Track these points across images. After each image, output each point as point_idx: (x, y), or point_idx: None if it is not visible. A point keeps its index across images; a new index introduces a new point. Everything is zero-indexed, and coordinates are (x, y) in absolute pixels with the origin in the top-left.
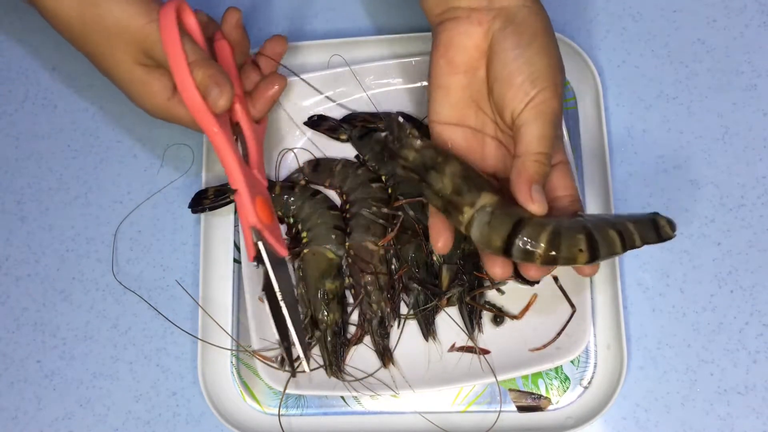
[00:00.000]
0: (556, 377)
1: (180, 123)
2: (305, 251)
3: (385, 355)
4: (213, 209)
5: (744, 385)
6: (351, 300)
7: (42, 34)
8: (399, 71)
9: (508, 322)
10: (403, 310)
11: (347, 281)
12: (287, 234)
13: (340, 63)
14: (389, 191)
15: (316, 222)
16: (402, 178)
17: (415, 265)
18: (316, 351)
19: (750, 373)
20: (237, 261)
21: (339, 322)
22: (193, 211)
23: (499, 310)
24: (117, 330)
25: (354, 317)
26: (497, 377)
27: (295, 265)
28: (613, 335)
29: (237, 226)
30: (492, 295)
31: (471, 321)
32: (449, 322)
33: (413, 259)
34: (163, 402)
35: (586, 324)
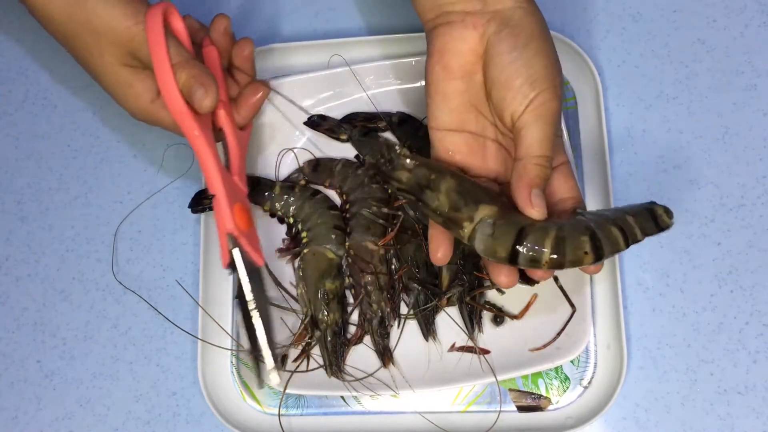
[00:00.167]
0: (556, 377)
1: (163, 126)
2: (305, 251)
3: (385, 355)
4: (213, 209)
5: (744, 385)
6: (351, 300)
7: (42, 34)
8: (399, 71)
9: (508, 322)
10: (403, 310)
11: (347, 281)
12: (287, 234)
13: (340, 63)
14: (389, 191)
15: (316, 222)
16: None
17: (415, 265)
18: (316, 351)
19: (750, 373)
20: None
21: (339, 322)
22: (193, 211)
23: (499, 310)
24: (117, 330)
25: (354, 317)
26: (497, 377)
27: (295, 265)
28: (613, 335)
29: None
30: (492, 295)
31: (471, 321)
32: (449, 322)
33: (413, 259)
34: (163, 402)
35: (586, 324)
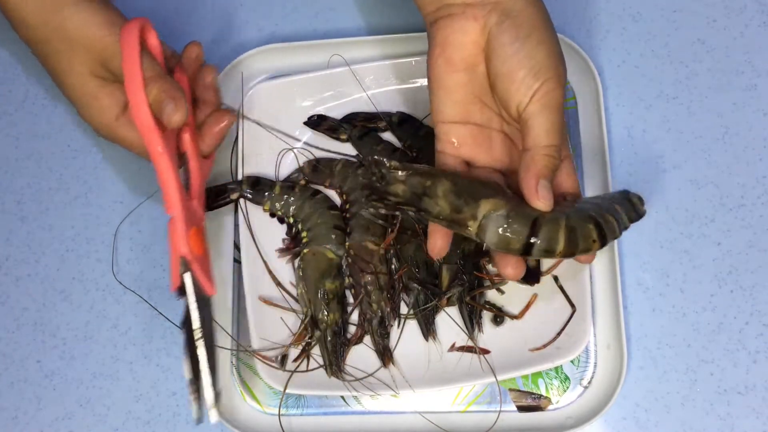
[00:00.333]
0: (556, 377)
1: (124, 145)
2: (305, 251)
3: (385, 355)
4: (213, 209)
5: (744, 385)
6: (351, 300)
7: None
8: (399, 71)
9: (508, 322)
10: (403, 310)
11: (347, 281)
12: (287, 234)
13: (340, 63)
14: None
15: (316, 222)
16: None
17: (415, 265)
18: (316, 351)
19: (750, 373)
20: (237, 261)
21: (339, 322)
22: None
23: (499, 310)
24: (117, 330)
25: (354, 317)
26: (497, 377)
27: (295, 265)
28: (613, 335)
29: (237, 225)
30: (492, 295)
31: (471, 321)
32: (449, 322)
33: (413, 259)
34: (163, 402)
35: (586, 324)
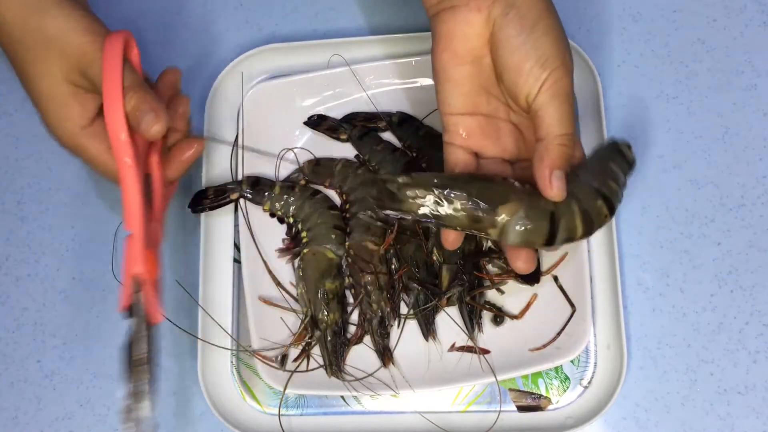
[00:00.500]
0: (556, 377)
1: (85, 157)
2: (305, 251)
3: (385, 355)
4: (213, 209)
5: (744, 385)
6: (351, 300)
7: None
8: (399, 71)
9: (508, 322)
10: (403, 310)
11: (347, 281)
12: (287, 234)
13: (340, 63)
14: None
15: (316, 222)
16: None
17: (415, 265)
18: (316, 351)
19: (750, 373)
20: (237, 261)
21: (339, 321)
22: (193, 211)
23: (499, 310)
24: (117, 330)
25: (354, 317)
26: (497, 377)
27: (295, 265)
28: (613, 335)
29: (237, 225)
30: (492, 295)
31: (471, 321)
32: (449, 322)
33: (413, 259)
34: (163, 402)
35: (586, 324)
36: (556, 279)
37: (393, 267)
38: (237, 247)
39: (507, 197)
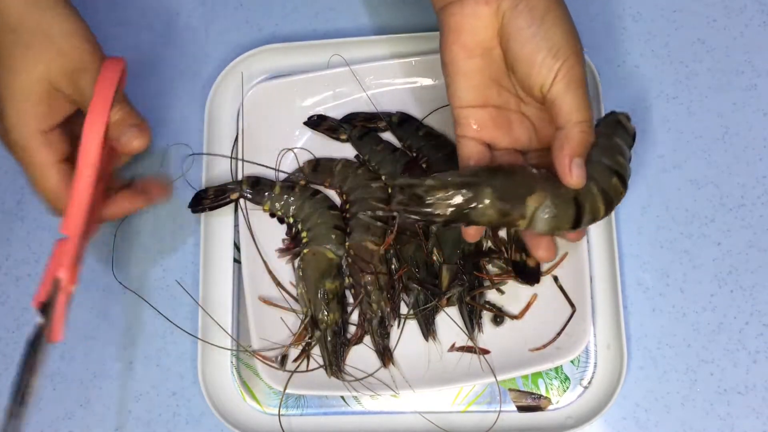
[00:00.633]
0: (556, 377)
1: (26, 162)
2: (305, 251)
3: (385, 355)
4: (213, 209)
5: (744, 385)
6: (351, 300)
7: None
8: (399, 71)
9: (508, 322)
10: (403, 310)
11: (347, 281)
12: (287, 234)
13: (340, 63)
14: (389, 191)
15: (316, 222)
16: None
17: (415, 265)
18: (316, 351)
19: (750, 373)
20: (237, 261)
21: (339, 322)
22: (193, 211)
23: (499, 310)
24: (117, 330)
25: (354, 317)
26: (497, 377)
27: (295, 265)
28: (613, 335)
29: (237, 225)
30: (492, 295)
31: (471, 321)
32: (449, 322)
33: (413, 259)
34: (163, 402)
35: (586, 324)
36: (556, 279)
37: (393, 267)
38: (237, 247)
39: (532, 187)
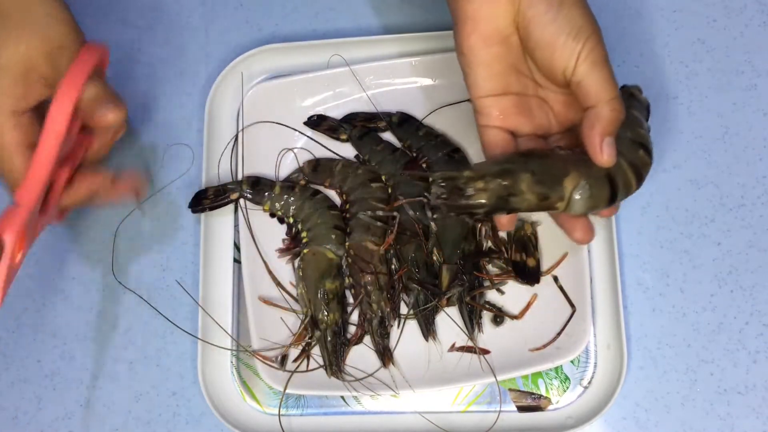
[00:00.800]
0: (556, 377)
1: None
2: (305, 251)
3: (385, 355)
4: (213, 209)
5: (744, 385)
6: (351, 300)
7: None
8: (399, 71)
9: (508, 322)
10: (403, 310)
11: (347, 281)
12: (287, 234)
13: (340, 63)
14: (389, 191)
15: (316, 222)
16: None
17: (415, 265)
18: (316, 351)
19: (750, 373)
20: (237, 261)
21: (339, 322)
22: (193, 211)
23: (499, 310)
24: (117, 330)
25: (354, 317)
26: (497, 377)
27: (295, 265)
28: (613, 335)
29: (237, 225)
30: (492, 295)
31: (471, 321)
32: (449, 322)
33: (413, 259)
34: (163, 402)
35: (586, 324)
36: (556, 279)
37: (393, 267)
38: (237, 247)
39: (566, 169)
